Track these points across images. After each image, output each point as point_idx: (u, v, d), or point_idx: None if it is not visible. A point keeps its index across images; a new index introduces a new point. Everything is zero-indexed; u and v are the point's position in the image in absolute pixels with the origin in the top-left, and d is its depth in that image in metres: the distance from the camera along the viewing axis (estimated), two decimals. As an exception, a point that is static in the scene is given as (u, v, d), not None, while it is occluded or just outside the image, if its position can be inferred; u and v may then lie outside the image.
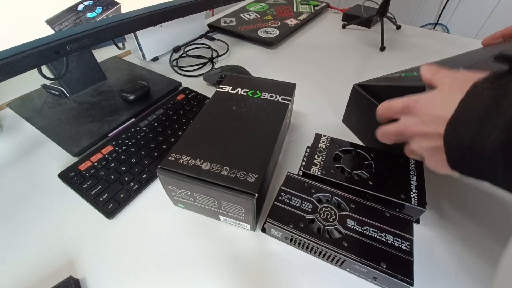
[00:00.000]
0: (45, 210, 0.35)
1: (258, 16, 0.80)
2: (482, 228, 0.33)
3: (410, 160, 0.34)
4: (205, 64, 0.62)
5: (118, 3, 0.41)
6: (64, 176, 0.37)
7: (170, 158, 0.30)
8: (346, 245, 0.27)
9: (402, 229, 0.28)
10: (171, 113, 0.48)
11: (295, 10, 0.83)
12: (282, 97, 0.38)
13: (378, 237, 0.28)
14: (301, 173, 0.35)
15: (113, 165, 0.39)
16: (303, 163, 0.35)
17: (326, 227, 0.29)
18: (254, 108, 0.37)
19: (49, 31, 0.36)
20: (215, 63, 0.63)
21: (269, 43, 0.68)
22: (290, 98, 0.38)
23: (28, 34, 0.34)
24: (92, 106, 0.48)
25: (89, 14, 0.39)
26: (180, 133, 0.44)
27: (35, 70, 0.40)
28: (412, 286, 0.25)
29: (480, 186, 0.37)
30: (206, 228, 0.34)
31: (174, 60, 0.64)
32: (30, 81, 0.50)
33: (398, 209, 0.30)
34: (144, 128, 0.45)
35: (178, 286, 0.29)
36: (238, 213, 0.30)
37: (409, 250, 0.27)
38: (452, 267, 0.30)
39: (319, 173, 0.33)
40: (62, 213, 0.35)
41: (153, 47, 0.63)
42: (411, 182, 0.32)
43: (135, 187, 0.37)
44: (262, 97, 0.38)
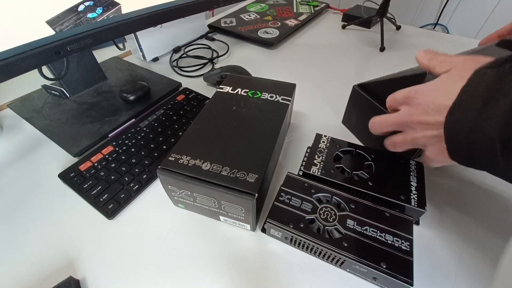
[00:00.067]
0: (45, 210, 0.35)
1: (258, 16, 0.80)
2: (482, 228, 0.33)
3: (411, 161, 0.34)
4: (205, 64, 0.62)
5: (118, 4, 0.42)
6: (64, 176, 0.37)
7: (170, 158, 0.30)
8: (346, 245, 0.27)
9: (402, 229, 0.28)
10: (171, 113, 0.48)
11: (295, 11, 0.83)
12: (282, 97, 0.38)
13: (378, 237, 0.28)
14: (301, 173, 0.35)
15: (113, 165, 0.39)
16: (303, 163, 0.35)
17: (326, 227, 0.29)
18: (254, 108, 0.37)
19: (49, 32, 0.36)
20: (215, 64, 0.63)
21: (269, 44, 0.68)
22: (290, 98, 0.38)
23: (28, 34, 0.34)
24: (92, 107, 0.48)
25: (89, 15, 0.39)
26: (180, 133, 0.44)
27: (36, 71, 0.40)
28: (412, 286, 0.25)
29: (480, 186, 0.37)
30: (206, 228, 0.34)
31: (174, 60, 0.64)
32: (31, 81, 0.50)
33: (398, 210, 0.30)
34: (144, 128, 0.45)
35: (178, 286, 0.29)
36: (238, 213, 0.30)
37: (409, 250, 0.27)
38: (452, 267, 0.30)
39: (319, 173, 0.33)
40: (62, 213, 0.35)
41: (153, 48, 0.63)
42: (411, 183, 0.32)
43: (135, 188, 0.37)
44: (262, 97, 0.39)
